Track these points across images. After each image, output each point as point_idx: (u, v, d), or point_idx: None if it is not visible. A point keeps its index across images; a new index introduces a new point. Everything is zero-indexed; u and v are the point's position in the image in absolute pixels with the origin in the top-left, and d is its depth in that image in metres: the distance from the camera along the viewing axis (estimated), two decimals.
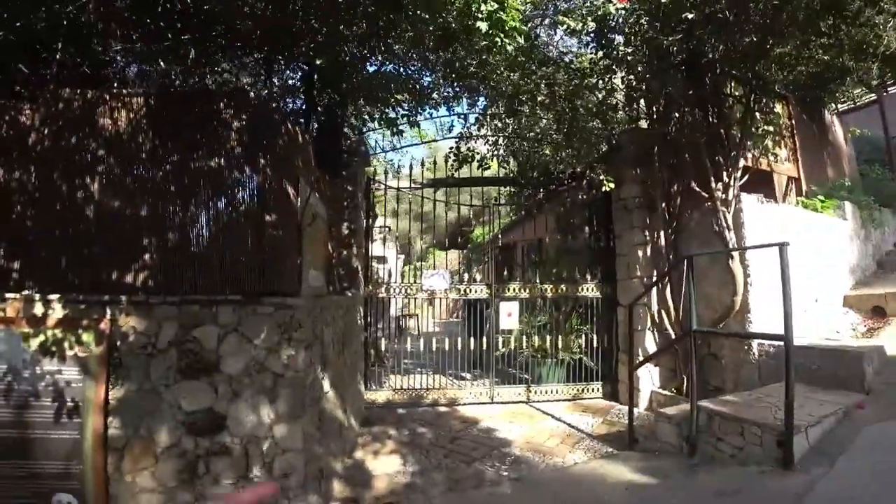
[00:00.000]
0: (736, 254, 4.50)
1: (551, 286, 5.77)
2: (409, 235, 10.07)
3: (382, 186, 5.79)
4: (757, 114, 5.02)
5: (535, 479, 3.67)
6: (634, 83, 5.03)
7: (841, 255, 6.11)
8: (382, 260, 9.36)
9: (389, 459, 4.05)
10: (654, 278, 5.23)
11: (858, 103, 9.97)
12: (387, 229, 9.52)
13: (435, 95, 5.17)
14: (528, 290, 5.75)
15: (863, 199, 7.09)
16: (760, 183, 5.93)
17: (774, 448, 2.95)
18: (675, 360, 5.16)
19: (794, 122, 6.72)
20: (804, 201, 6.37)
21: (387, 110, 4.82)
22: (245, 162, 3.03)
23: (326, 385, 3.51)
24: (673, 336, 5.06)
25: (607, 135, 5.92)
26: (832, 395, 3.61)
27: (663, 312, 5.25)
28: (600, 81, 5.13)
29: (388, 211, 8.69)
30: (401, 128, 4.90)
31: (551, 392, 5.69)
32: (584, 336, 5.83)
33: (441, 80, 5.09)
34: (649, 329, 5.32)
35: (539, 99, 5.25)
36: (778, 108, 6.20)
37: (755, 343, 4.42)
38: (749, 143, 5.49)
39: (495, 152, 6.38)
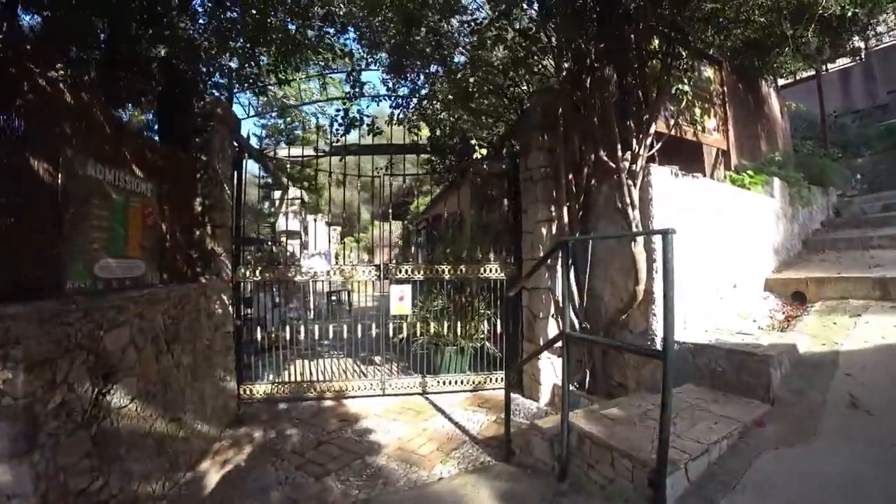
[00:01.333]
0: (640, 237, 3.75)
1: (449, 267, 4.99)
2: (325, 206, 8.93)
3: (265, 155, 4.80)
4: (675, 72, 4.21)
5: (384, 502, 2.91)
6: (535, 32, 4.10)
7: (766, 235, 5.47)
8: (295, 235, 8.38)
9: (231, 475, 3.33)
10: (560, 260, 4.46)
11: (798, 78, 9.29)
12: (298, 201, 8.50)
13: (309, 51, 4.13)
14: (422, 272, 4.92)
15: (793, 175, 6.52)
16: (687, 155, 5.25)
17: (646, 486, 2.23)
18: (580, 348, 4.46)
19: (726, 90, 5.97)
20: (732, 176, 5.72)
21: (246, 66, 3.80)
22: None
23: (121, 398, 2.62)
24: (577, 325, 4.33)
25: (519, 97, 5.03)
26: (733, 405, 3.02)
27: (566, 299, 4.49)
28: (502, 33, 4.19)
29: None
30: (268, 86, 3.90)
31: (450, 383, 5.06)
32: (487, 321, 5.07)
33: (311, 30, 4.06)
34: (552, 316, 4.62)
35: (426, 51, 4.28)
36: (709, 72, 5.44)
37: (658, 337, 3.73)
38: (671, 108, 4.72)
39: (400, 116, 5.38)
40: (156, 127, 4.22)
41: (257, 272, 4.61)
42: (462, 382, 5.10)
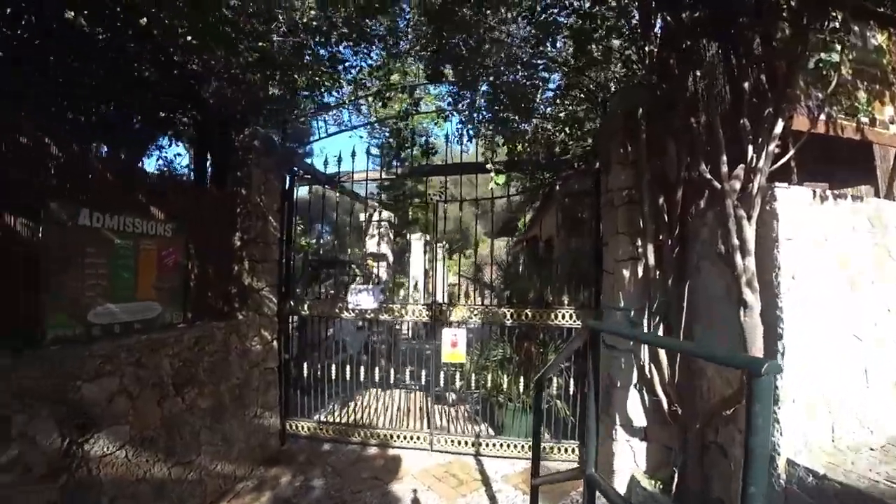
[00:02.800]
0: (755, 302, 2.65)
1: (511, 311, 4.26)
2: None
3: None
4: (818, 35, 2.93)
5: None
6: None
7: None
8: (381, 258, 8.31)
9: None
10: (646, 312, 3.50)
11: None
12: (385, 224, 8.40)
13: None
14: (479, 314, 4.31)
15: None
16: (847, 161, 3.70)
17: None
18: (670, 433, 3.42)
19: None
20: None
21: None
22: None
23: (105, 446, 2.70)
24: (665, 405, 3.31)
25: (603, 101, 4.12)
26: None
27: (653, 367, 3.48)
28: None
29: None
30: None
31: (508, 447, 4.34)
32: (559, 376, 4.26)
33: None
34: (635, 386, 3.63)
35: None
36: (880, 38, 3.73)
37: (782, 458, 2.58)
38: (813, 92, 3.38)
39: (465, 130, 4.83)
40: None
41: (305, 306, 4.57)
42: (522, 448, 4.33)
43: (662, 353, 3.46)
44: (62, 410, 2.57)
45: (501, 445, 4.36)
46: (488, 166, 4.47)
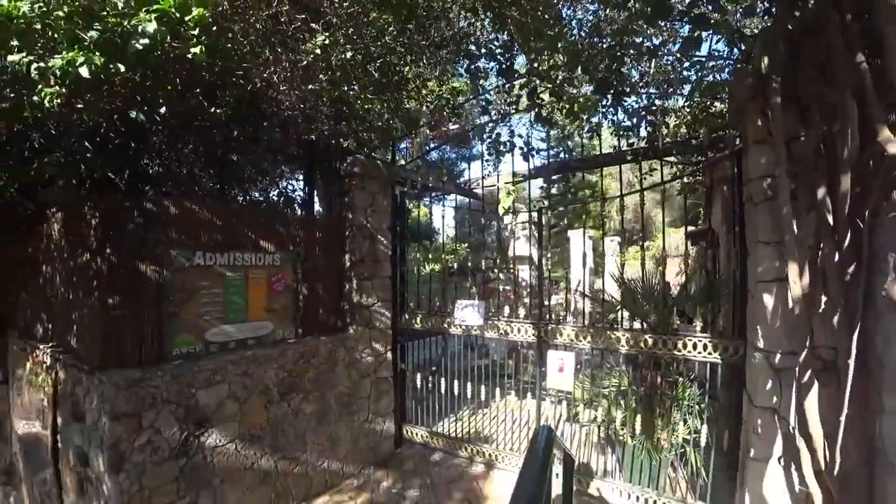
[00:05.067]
0: None
1: (627, 336, 3.71)
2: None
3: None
4: None
5: None
6: None
7: None
8: (524, 260, 7.71)
9: None
10: (803, 354, 2.66)
11: None
12: (529, 224, 7.71)
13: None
14: (588, 337, 3.89)
15: None
16: None
17: None
18: None
19: None
20: None
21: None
22: None
23: (217, 439, 3.61)
24: (819, 500, 2.50)
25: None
26: None
27: (801, 439, 2.64)
28: None
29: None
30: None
31: (620, 493, 3.80)
32: (687, 420, 3.58)
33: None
34: (779, 461, 2.79)
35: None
36: None
37: None
38: None
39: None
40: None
41: (418, 320, 4.88)
42: (638, 500, 3.74)
43: (815, 420, 2.54)
44: (181, 411, 3.47)
45: (612, 490, 3.88)
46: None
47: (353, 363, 4.55)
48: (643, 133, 4.68)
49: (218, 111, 3.25)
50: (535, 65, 3.81)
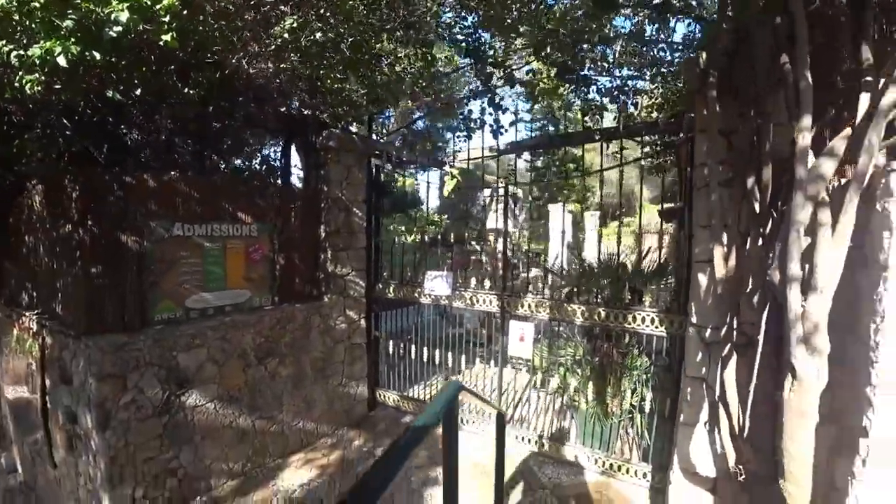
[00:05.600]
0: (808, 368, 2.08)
1: (583, 309, 4.01)
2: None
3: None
4: None
5: None
6: None
7: None
8: (500, 233, 7.95)
9: (304, 470, 4.23)
10: (724, 329, 2.96)
11: None
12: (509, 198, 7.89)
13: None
14: (547, 309, 4.19)
15: None
16: None
17: None
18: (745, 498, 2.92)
19: None
20: None
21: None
22: None
23: (197, 399, 3.88)
24: (732, 460, 2.82)
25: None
26: None
27: (720, 406, 2.97)
28: None
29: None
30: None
31: (575, 455, 4.18)
32: (636, 388, 3.94)
33: None
34: (704, 425, 3.13)
35: None
36: None
37: None
38: None
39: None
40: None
41: (391, 289, 5.16)
42: (588, 460, 4.13)
43: (732, 389, 2.87)
44: (163, 373, 3.74)
45: (564, 452, 4.27)
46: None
47: (328, 330, 4.83)
48: (613, 113, 4.88)
49: (191, 91, 3.39)
50: (493, 51, 3.98)
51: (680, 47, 4.47)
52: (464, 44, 4.09)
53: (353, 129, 5.23)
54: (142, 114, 4.05)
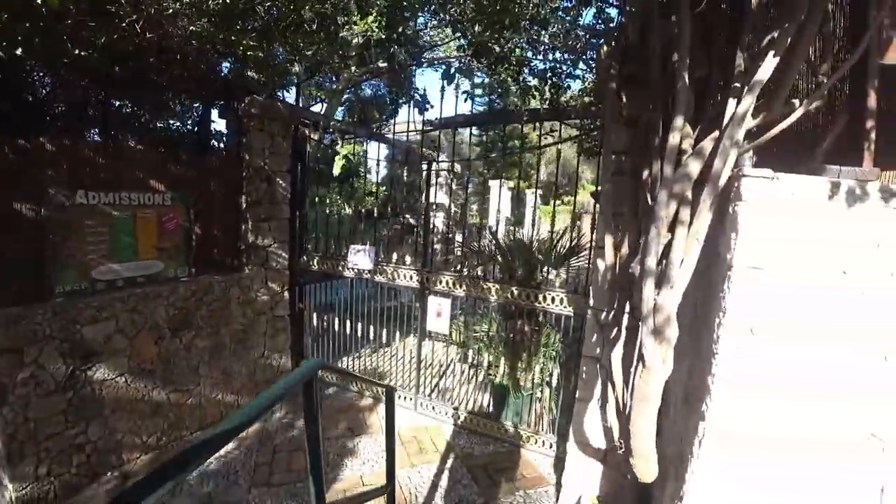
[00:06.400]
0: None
1: (497, 287, 4.20)
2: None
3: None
4: None
5: None
6: None
7: None
8: (441, 208, 8.16)
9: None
10: (612, 313, 3.20)
11: None
12: (445, 173, 8.06)
13: None
14: (464, 286, 4.36)
15: None
16: None
17: None
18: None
19: None
20: None
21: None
22: None
23: (106, 373, 3.82)
24: (616, 435, 3.07)
25: None
26: None
27: (609, 386, 3.23)
28: None
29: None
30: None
31: (485, 427, 4.45)
32: (548, 363, 4.20)
33: None
34: (598, 401, 3.40)
35: None
36: None
37: None
38: None
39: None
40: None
41: (315, 262, 5.18)
42: (500, 431, 4.43)
43: (618, 368, 3.13)
44: (66, 346, 3.66)
45: (480, 423, 4.55)
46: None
47: (249, 302, 4.83)
48: (546, 94, 5.01)
49: (83, 53, 3.20)
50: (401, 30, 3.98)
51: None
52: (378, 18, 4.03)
53: (278, 96, 5.08)
54: (36, 75, 3.79)
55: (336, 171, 3.34)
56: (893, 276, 2.06)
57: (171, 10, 3.03)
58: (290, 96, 5.69)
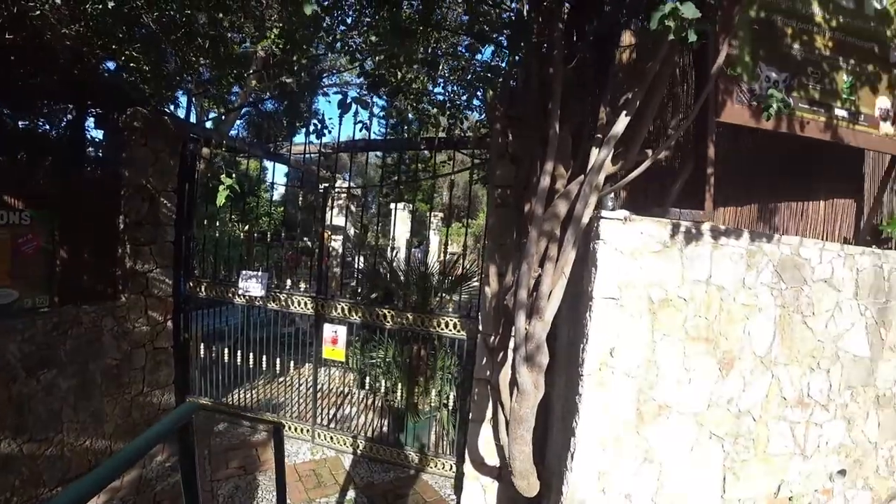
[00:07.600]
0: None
1: (392, 313, 4.22)
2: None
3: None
4: None
5: None
6: None
7: None
8: (339, 230, 8.25)
9: None
10: (499, 338, 3.30)
11: None
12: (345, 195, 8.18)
13: None
14: (359, 313, 4.33)
15: None
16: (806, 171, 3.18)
17: None
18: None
19: None
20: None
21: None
22: None
23: None
24: (507, 454, 3.14)
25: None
26: None
27: (500, 406, 3.32)
28: None
29: None
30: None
31: (386, 453, 4.40)
32: (444, 388, 4.27)
33: None
34: (489, 421, 3.50)
35: None
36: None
37: None
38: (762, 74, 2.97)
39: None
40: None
41: (202, 288, 4.87)
42: (401, 457, 4.44)
43: (505, 390, 3.25)
44: None
45: (376, 450, 4.51)
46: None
47: (125, 333, 4.43)
48: (444, 124, 5.23)
49: None
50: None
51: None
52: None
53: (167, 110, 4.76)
54: None
55: (220, 201, 3.17)
56: (723, 301, 2.52)
57: (38, 12, 2.75)
58: (183, 110, 5.37)
